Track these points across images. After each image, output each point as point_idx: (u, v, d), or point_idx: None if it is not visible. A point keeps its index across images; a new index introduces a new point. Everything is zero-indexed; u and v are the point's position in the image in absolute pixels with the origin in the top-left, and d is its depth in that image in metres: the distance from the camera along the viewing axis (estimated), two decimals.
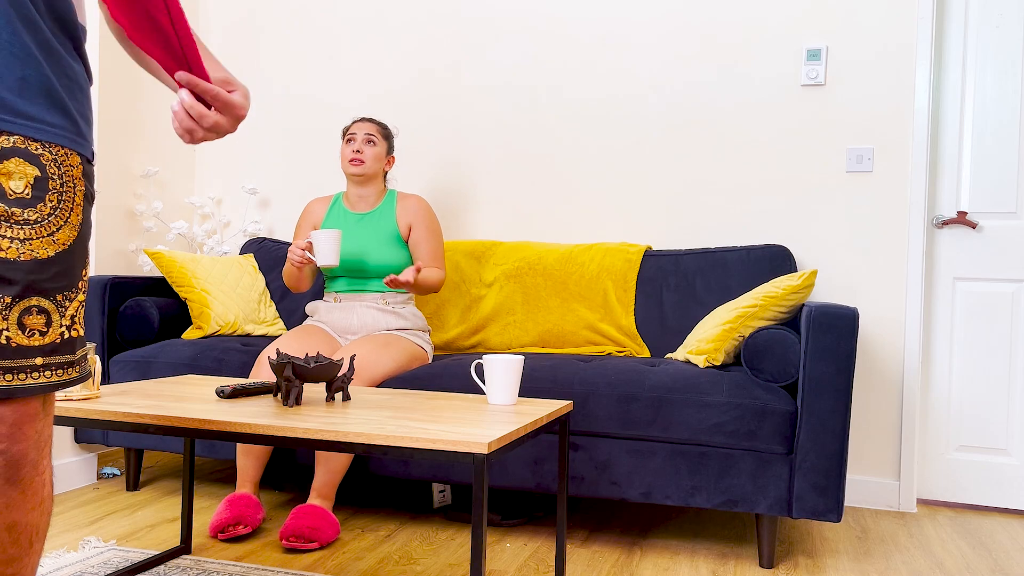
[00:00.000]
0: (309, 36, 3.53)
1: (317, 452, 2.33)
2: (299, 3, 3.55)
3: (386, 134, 2.75)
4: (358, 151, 2.67)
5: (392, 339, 2.53)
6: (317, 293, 3.14)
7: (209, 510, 2.58)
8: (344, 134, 2.74)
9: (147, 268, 3.32)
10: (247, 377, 2.56)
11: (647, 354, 2.81)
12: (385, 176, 2.80)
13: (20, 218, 0.97)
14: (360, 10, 3.46)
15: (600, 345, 2.82)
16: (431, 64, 3.37)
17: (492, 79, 3.29)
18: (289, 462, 2.53)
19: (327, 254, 2.44)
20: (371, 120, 2.74)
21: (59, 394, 1.66)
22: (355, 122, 2.74)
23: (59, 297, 1.01)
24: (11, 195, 0.96)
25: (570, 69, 3.20)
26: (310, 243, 2.49)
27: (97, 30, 2.84)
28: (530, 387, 2.33)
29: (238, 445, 2.44)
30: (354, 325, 2.62)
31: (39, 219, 0.99)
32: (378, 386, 2.42)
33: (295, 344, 2.47)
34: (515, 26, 3.27)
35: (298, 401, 1.67)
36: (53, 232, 1.00)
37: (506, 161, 3.27)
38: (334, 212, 2.76)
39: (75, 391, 1.68)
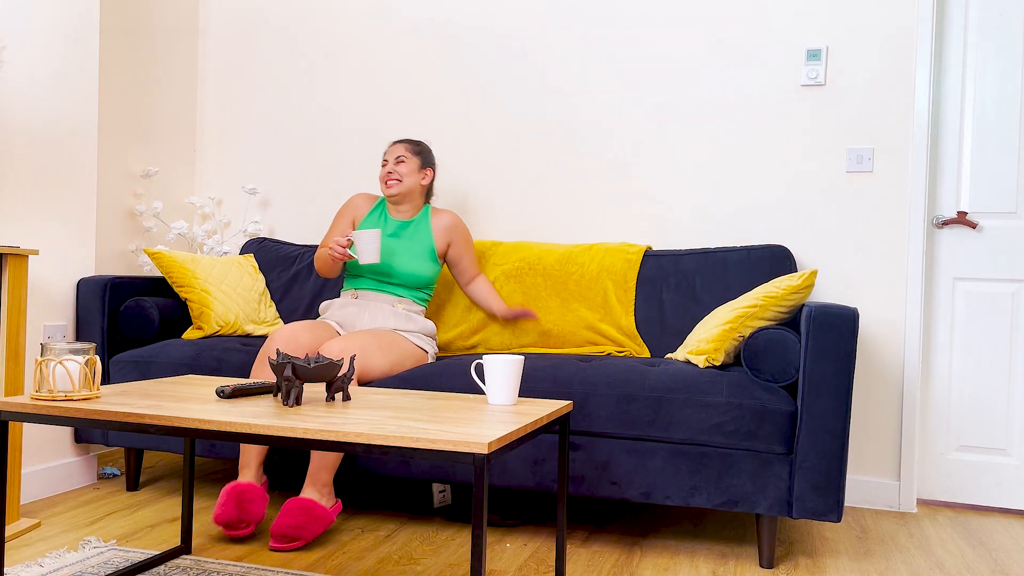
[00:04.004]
0: (309, 36, 3.53)
1: None
2: (300, 3, 3.55)
3: (417, 150, 2.81)
4: (391, 172, 2.76)
5: (388, 336, 2.53)
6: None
7: (209, 510, 2.58)
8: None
9: (147, 268, 3.32)
10: (248, 375, 2.56)
11: (647, 354, 2.81)
12: (427, 191, 2.85)
13: None
14: (361, 10, 3.46)
15: (600, 345, 2.82)
16: (431, 66, 3.37)
17: (491, 80, 3.29)
18: (297, 463, 2.53)
19: (369, 253, 2.54)
20: (401, 141, 2.83)
21: (59, 394, 1.66)
22: (389, 146, 2.84)
23: None
24: None
25: (570, 69, 3.20)
26: (350, 240, 2.58)
27: (97, 29, 2.84)
28: (530, 387, 2.33)
29: None
30: (363, 321, 2.65)
31: None
32: (376, 385, 2.42)
33: (300, 330, 2.48)
34: (515, 27, 3.27)
35: (298, 401, 1.67)
36: None
37: (506, 161, 3.27)
38: (375, 214, 2.82)
39: (75, 391, 1.67)
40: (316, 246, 3.30)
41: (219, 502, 2.29)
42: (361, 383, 2.40)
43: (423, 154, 2.81)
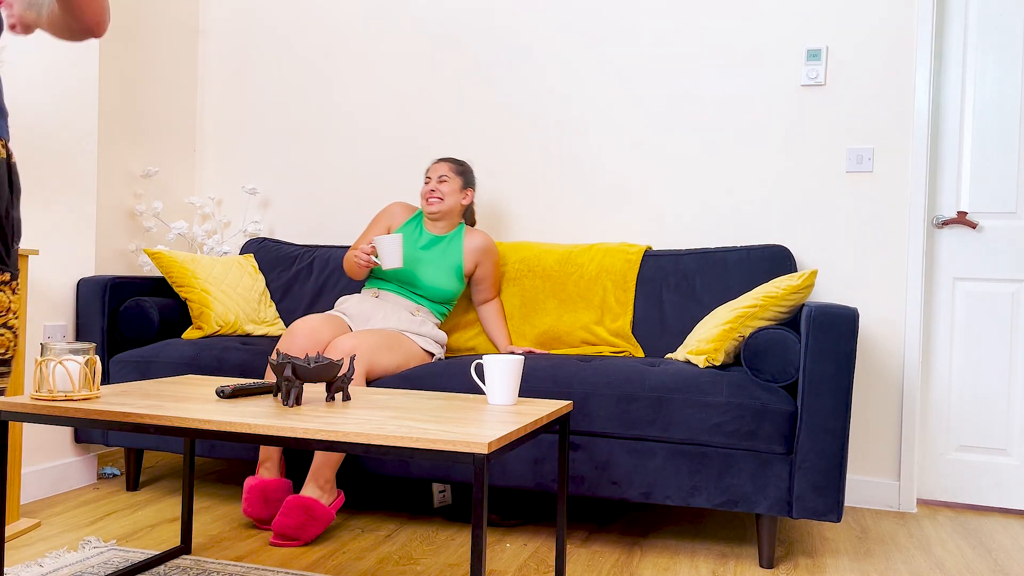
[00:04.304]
0: (309, 36, 3.53)
1: None
2: (300, 3, 3.55)
3: (460, 170, 2.85)
4: (433, 190, 2.80)
5: (396, 337, 2.54)
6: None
7: (209, 510, 2.59)
8: (424, 175, 2.88)
9: (147, 268, 3.32)
10: (248, 373, 2.57)
11: (642, 355, 2.80)
12: (466, 211, 2.91)
13: None
14: (361, 10, 3.46)
15: (596, 346, 2.82)
16: (431, 65, 3.37)
17: (489, 81, 3.29)
18: (300, 457, 2.52)
19: (392, 258, 2.59)
20: (445, 160, 2.87)
21: (59, 394, 1.66)
22: (432, 164, 2.86)
23: None
24: None
25: (569, 69, 3.20)
26: (374, 247, 2.64)
27: None
28: (530, 387, 2.33)
29: None
30: (376, 320, 2.67)
31: None
32: (379, 383, 2.42)
33: (318, 324, 2.50)
34: (514, 27, 3.27)
35: (298, 401, 1.67)
36: None
37: (505, 161, 3.27)
38: (410, 225, 2.87)
39: (75, 391, 1.67)
40: (317, 246, 3.30)
41: (245, 498, 2.36)
42: (369, 380, 2.43)
43: (465, 174, 2.86)
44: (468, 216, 2.94)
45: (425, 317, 2.74)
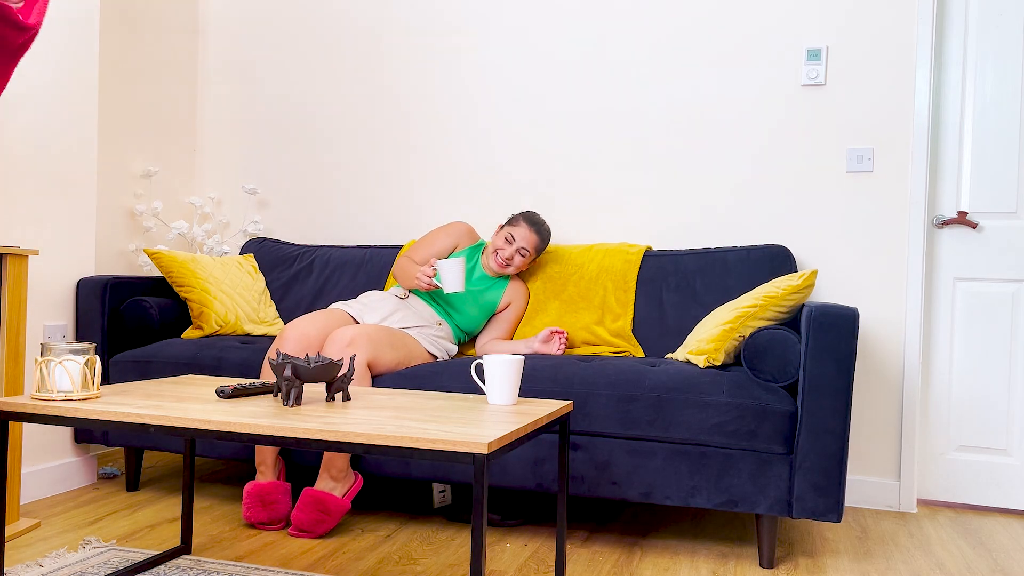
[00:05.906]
0: (309, 36, 3.53)
1: None
2: (299, 3, 3.55)
3: (541, 248, 2.85)
4: (511, 258, 2.79)
5: (400, 335, 2.54)
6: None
7: (209, 510, 2.59)
8: (508, 222, 2.83)
9: (147, 268, 3.32)
10: (247, 372, 2.57)
11: (643, 356, 2.80)
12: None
13: None
14: (361, 10, 3.46)
15: (596, 346, 2.82)
16: (427, 65, 3.37)
17: (488, 83, 3.29)
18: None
19: (454, 283, 2.57)
20: (537, 232, 2.81)
21: (59, 394, 1.66)
22: (524, 222, 2.81)
23: None
24: None
25: (569, 68, 3.20)
26: (435, 270, 2.61)
27: (96, 24, 2.84)
28: (530, 387, 2.33)
29: None
30: (393, 319, 2.67)
31: None
32: (377, 383, 2.42)
33: (308, 328, 2.50)
34: (511, 26, 3.27)
35: (298, 401, 1.67)
36: None
37: (504, 162, 3.27)
38: (471, 253, 2.88)
39: (75, 391, 1.67)
40: (317, 246, 3.30)
41: (245, 503, 2.38)
42: (372, 374, 2.43)
43: (541, 251, 2.88)
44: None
45: (447, 332, 2.76)
